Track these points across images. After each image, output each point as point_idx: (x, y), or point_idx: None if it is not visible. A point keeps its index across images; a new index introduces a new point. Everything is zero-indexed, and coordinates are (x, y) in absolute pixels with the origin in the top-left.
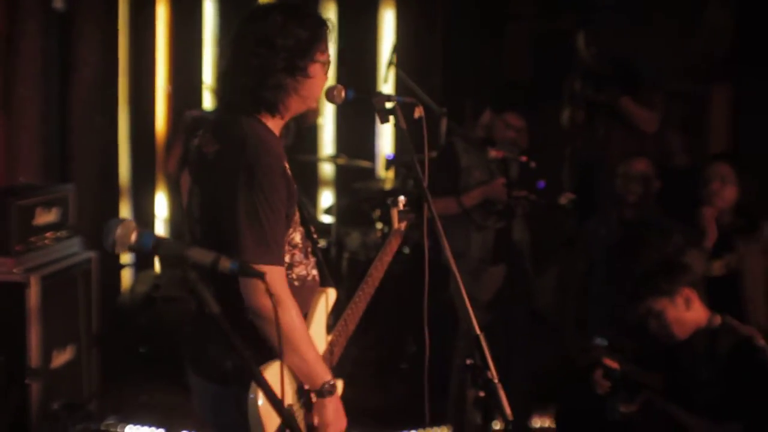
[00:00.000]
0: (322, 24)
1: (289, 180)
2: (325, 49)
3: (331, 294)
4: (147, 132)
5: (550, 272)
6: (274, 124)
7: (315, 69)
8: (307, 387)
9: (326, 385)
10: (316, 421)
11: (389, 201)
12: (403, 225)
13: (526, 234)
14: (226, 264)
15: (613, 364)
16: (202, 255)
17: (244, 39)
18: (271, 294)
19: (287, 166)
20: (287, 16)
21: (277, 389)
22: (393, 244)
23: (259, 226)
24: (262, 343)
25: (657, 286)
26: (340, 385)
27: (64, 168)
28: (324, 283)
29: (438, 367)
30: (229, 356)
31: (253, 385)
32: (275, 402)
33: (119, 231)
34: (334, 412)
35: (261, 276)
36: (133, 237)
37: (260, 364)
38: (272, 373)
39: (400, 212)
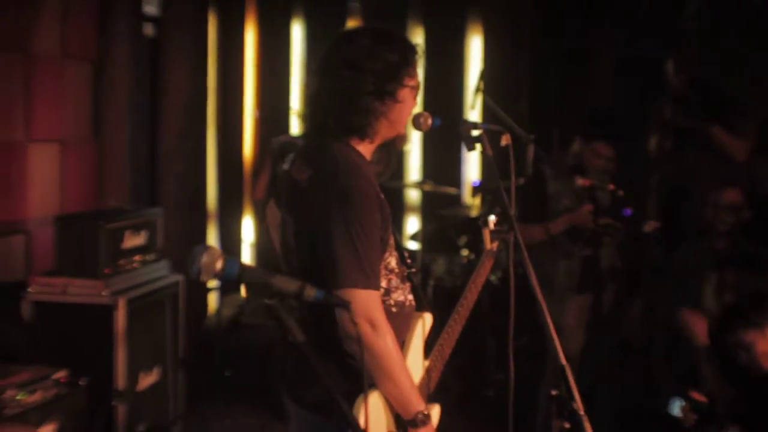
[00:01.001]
0: (411, 48)
1: (383, 203)
2: (414, 74)
3: (427, 319)
4: (234, 157)
5: (637, 301)
6: (364, 149)
7: (404, 93)
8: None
9: (419, 415)
10: None
11: (480, 222)
12: (495, 245)
13: (614, 262)
14: (311, 293)
15: (700, 398)
16: (286, 283)
17: (333, 63)
18: (358, 322)
19: (379, 190)
20: (376, 40)
21: (376, 418)
22: (486, 265)
23: (354, 251)
24: (359, 371)
25: (747, 318)
26: (436, 411)
27: (152, 192)
28: (420, 307)
29: (524, 395)
30: (332, 392)
31: (356, 413)
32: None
33: (205, 258)
34: None
35: (347, 306)
36: (219, 264)
37: (358, 393)
38: (373, 401)
39: (492, 232)
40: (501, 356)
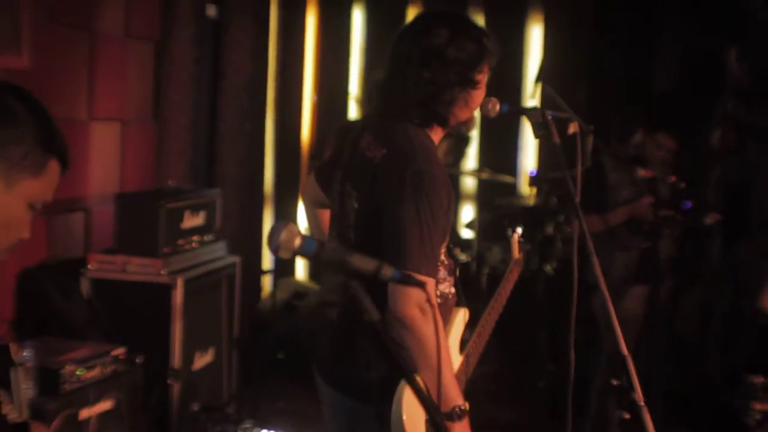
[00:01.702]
0: (486, 35)
1: (451, 193)
2: (491, 60)
3: (464, 314)
4: (292, 139)
5: (694, 295)
6: (435, 135)
7: (482, 80)
8: None
9: (456, 409)
10: None
11: (509, 231)
12: (521, 255)
13: (672, 255)
14: (388, 272)
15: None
16: (364, 262)
17: (410, 52)
18: (431, 305)
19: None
20: (454, 29)
21: (416, 405)
22: (514, 274)
23: (420, 236)
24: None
25: None
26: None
27: (210, 173)
28: (459, 303)
29: (575, 386)
30: (373, 370)
31: (396, 400)
32: (431, 409)
33: (284, 235)
34: None
35: (423, 286)
36: (297, 242)
37: (397, 380)
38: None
39: (519, 242)
40: (553, 347)
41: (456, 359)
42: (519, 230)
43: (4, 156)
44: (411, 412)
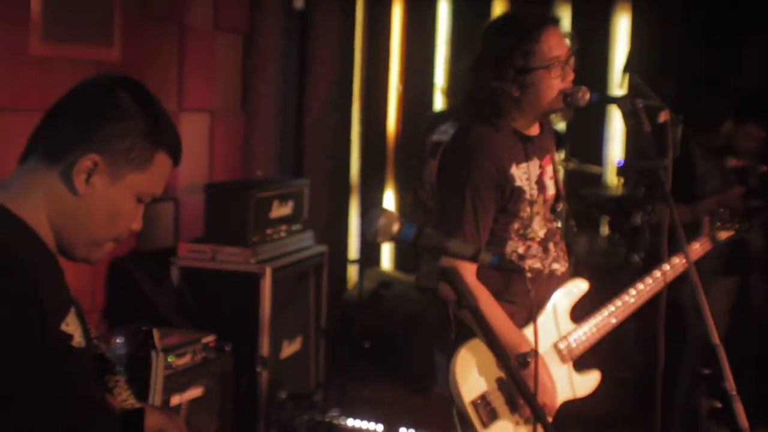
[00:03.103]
0: (531, 30)
1: (506, 181)
2: (542, 54)
3: (578, 285)
4: (378, 131)
5: None
6: (521, 126)
7: (533, 77)
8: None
9: (519, 357)
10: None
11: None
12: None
13: (762, 245)
14: (486, 258)
15: None
16: (461, 247)
17: (476, 54)
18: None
19: (519, 168)
20: (495, 30)
21: (478, 362)
22: (699, 249)
23: (453, 215)
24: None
25: None
26: (592, 377)
27: (297, 163)
28: (572, 274)
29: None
30: (452, 330)
31: (453, 357)
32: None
33: (382, 221)
34: (532, 384)
35: (521, 271)
36: (395, 227)
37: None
38: (472, 347)
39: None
40: (639, 337)
41: (559, 326)
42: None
43: (108, 150)
44: (464, 367)
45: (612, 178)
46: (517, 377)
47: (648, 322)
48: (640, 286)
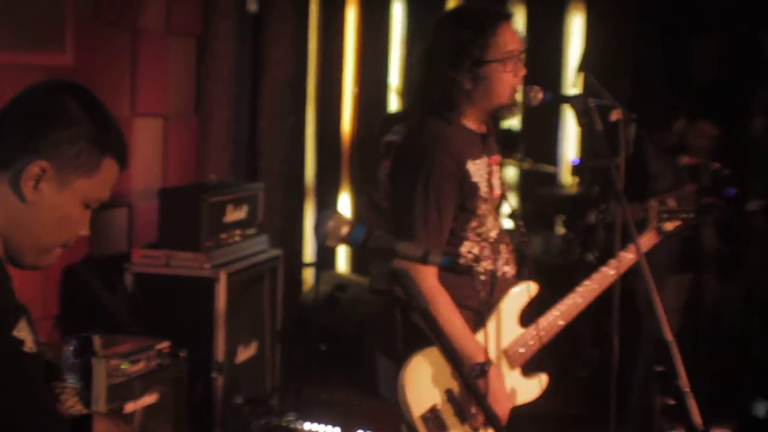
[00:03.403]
0: (488, 24)
1: (464, 176)
2: (497, 48)
3: (526, 288)
4: (333, 133)
5: (737, 282)
6: (467, 122)
7: (486, 70)
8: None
9: (476, 366)
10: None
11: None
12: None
13: (714, 243)
14: (436, 258)
15: None
16: (411, 249)
17: (419, 51)
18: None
19: (474, 163)
20: (449, 22)
21: (428, 374)
22: (646, 242)
23: (412, 215)
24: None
25: None
26: (539, 381)
27: (251, 167)
28: (521, 277)
29: (617, 374)
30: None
31: (403, 368)
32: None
33: (331, 224)
34: (488, 394)
35: (470, 272)
36: (345, 230)
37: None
38: (423, 358)
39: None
40: (594, 336)
41: (511, 330)
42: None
43: (56, 156)
44: (414, 379)
45: (567, 178)
46: (473, 386)
47: (603, 319)
48: (585, 286)
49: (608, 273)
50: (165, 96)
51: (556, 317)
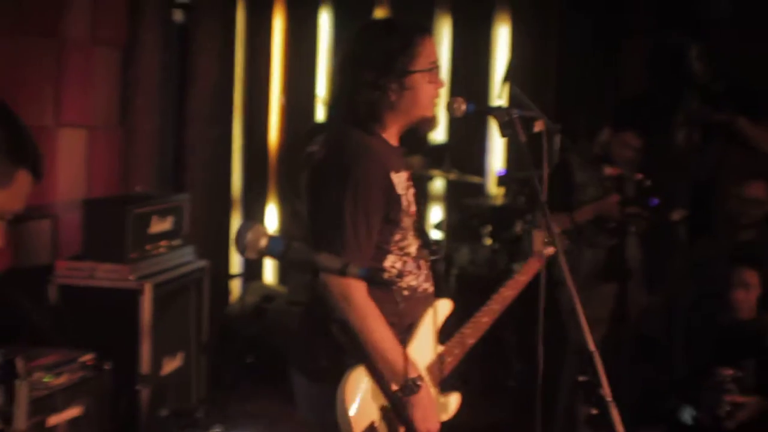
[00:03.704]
0: (414, 34)
1: (390, 187)
2: (422, 58)
3: (444, 305)
4: (260, 143)
5: (661, 291)
6: (387, 134)
7: (413, 80)
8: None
9: (409, 382)
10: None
11: (527, 223)
12: (550, 250)
13: (638, 253)
14: (354, 270)
15: (729, 372)
16: (330, 261)
17: (339, 59)
18: (333, 295)
19: (396, 174)
20: (376, 32)
21: (365, 389)
22: (532, 267)
23: (342, 227)
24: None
25: None
26: (455, 399)
27: (178, 178)
28: (438, 294)
29: (543, 384)
30: (326, 355)
31: (342, 383)
32: (384, 389)
33: (250, 235)
34: (421, 411)
35: (388, 284)
36: (264, 242)
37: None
38: (360, 373)
39: (546, 237)
40: (522, 346)
41: (430, 349)
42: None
43: None
44: (353, 395)
45: (493, 188)
46: (398, 402)
47: (529, 329)
48: (488, 305)
49: (506, 294)
50: (90, 106)
51: (466, 336)
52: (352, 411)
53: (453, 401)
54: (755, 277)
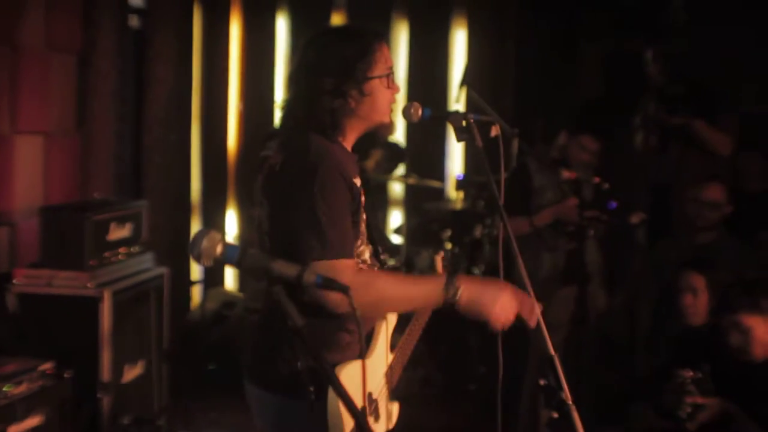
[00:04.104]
0: (371, 39)
1: (353, 189)
2: (380, 63)
3: (392, 317)
4: (218, 149)
5: (621, 294)
6: (344, 141)
7: (371, 86)
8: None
9: (450, 292)
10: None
11: (432, 250)
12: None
13: (598, 256)
14: (311, 277)
15: (689, 373)
16: (286, 268)
17: (294, 68)
18: (353, 308)
19: (356, 181)
20: (331, 39)
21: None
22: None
23: (319, 225)
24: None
25: (755, 303)
26: (395, 409)
27: (136, 184)
28: None
29: (505, 387)
30: (296, 368)
31: (331, 393)
32: (348, 404)
33: (205, 243)
34: (489, 303)
35: (345, 290)
36: (219, 249)
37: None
38: (344, 375)
39: (443, 262)
40: (483, 349)
41: (384, 359)
42: (441, 253)
43: None
44: (336, 409)
45: (452, 193)
46: (358, 415)
47: (491, 333)
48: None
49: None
50: (46, 113)
51: (408, 340)
52: (347, 420)
53: (396, 410)
54: (702, 282)
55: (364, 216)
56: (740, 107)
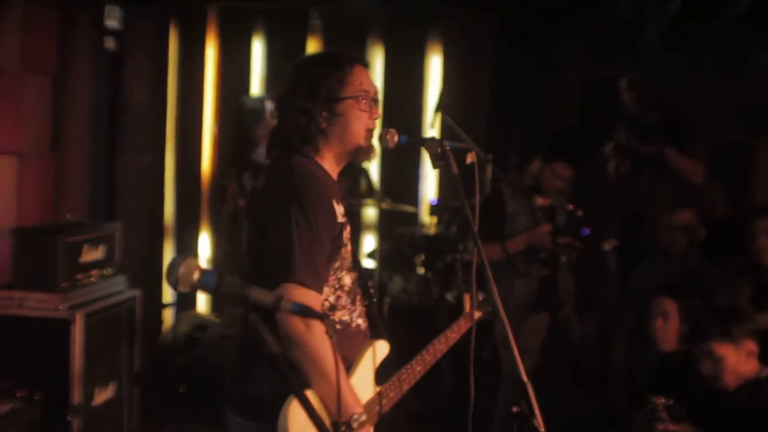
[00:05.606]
0: (344, 62)
1: (334, 215)
2: (352, 85)
3: (381, 346)
4: (192, 172)
5: (594, 321)
6: (327, 165)
7: (343, 107)
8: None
9: (354, 417)
10: None
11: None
12: (479, 314)
13: (570, 282)
14: (287, 305)
15: (661, 400)
16: (263, 295)
17: (280, 93)
18: (291, 319)
19: (337, 205)
20: (309, 61)
21: (304, 422)
22: (462, 326)
23: (299, 248)
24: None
25: (727, 331)
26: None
27: (110, 207)
28: (375, 335)
29: (478, 413)
30: (266, 393)
31: (282, 416)
32: (319, 424)
33: (182, 269)
34: None
35: (323, 318)
36: (196, 275)
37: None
38: (296, 407)
39: (478, 302)
40: (457, 375)
41: (368, 388)
42: (477, 293)
43: None
44: (297, 427)
45: (426, 218)
46: None
47: (463, 358)
48: (422, 356)
49: (438, 347)
50: (20, 134)
51: (402, 381)
52: None
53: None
54: (674, 307)
55: (347, 243)
56: (712, 135)
